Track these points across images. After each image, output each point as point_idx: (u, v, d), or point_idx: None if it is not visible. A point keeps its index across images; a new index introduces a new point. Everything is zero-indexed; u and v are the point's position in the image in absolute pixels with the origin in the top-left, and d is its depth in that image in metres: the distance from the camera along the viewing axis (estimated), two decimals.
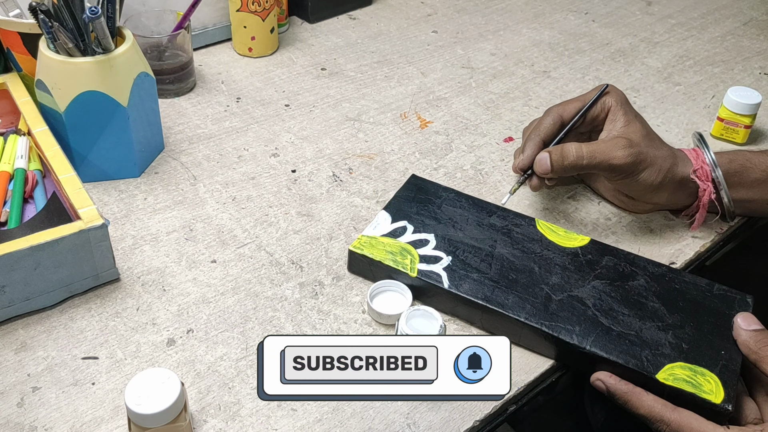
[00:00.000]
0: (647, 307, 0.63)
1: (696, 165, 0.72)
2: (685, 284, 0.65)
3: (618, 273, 0.66)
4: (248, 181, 0.80)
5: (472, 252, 0.67)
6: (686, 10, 1.22)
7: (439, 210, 0.71)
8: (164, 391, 0.49)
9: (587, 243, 0.69)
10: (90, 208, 0.63)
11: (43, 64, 0.71)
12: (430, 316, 0.58)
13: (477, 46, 1.09)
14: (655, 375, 0.57)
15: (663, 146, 0.72)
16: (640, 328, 0.61)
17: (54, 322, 0.63)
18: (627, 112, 0.73)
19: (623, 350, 0.59)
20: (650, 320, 0.61)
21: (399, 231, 0.69)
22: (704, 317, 0.62)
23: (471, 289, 0.63)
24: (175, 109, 0.90)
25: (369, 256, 0.66)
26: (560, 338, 0.60)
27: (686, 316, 0.62)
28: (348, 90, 0.96)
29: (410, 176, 0.76)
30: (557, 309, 0.62)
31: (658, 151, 0.70)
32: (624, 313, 0.62)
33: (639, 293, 0.64)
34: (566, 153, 0.68)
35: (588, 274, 0.66)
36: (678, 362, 0.58)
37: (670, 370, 0.58)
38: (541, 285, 0.64)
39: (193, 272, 0.68)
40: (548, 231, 0.70)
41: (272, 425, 0.56)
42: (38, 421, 0.55)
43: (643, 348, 0.59)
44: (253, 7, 0.97)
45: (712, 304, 0.63)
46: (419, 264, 0.65)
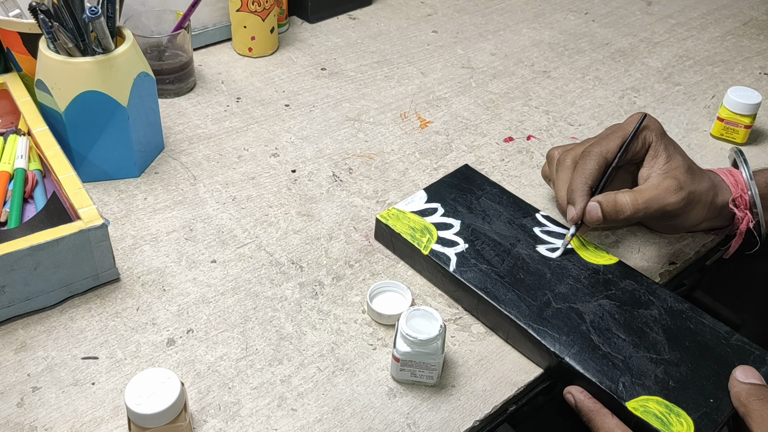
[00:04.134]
0: (648, 337, 0.60)
1: (735, 193, 0.70)
2: (701, 325, 0.62)
3: (632, 298, 0.64)
4: (248, 181, 0.80)
5: (490, 245, 0.68)
6: (686, 10, 1.22)
7: (477, 201, 0.73)
8: (164, 391, 0.49)
9: (614, 263, 0.67)
10: (90, 208, 0.63)
11: (43, 64, 0.71)
12: (430, 316, 0.58)
13: (477, 46, 1.09)
14: (625, 402, 0.55)
15: (703, 177, 0.69)
16: (630, 355, 0.59)
17: (54, 322, 0.63)
18: (667, 145, 0.69)
19: (601, 370, 0.58)
20: (645, 350, 0.59)
21: (429, 211, 0.71)
22: (707, 362, 0.59)
23: (474, 278, 0.64)
24: (175, 109, 0.90)
25: (391, 227, 0.69)
26: (542, 342, 0.60)
27: (687, 356, 0.59)
28: (348, 90, 0.96)
29: (463, 165, 0.78)
30: (551, 316, 0.62)
31: (700, 186, 0.68)
32: (620, 336, 0.60)
33: (645, 322, 0.62)
34: (621, 206, 0.66)
35: (600, 291, 0.64)
36: (656, 396, 0.56)
37: (643, 401, 0.56)
38: (546, 290, 0.64)
39: (193, 272, 0.68)
40: (578, 243, 0.69)
41: (272, 425, 0.56)
42: (38, 421, 0.55)
43: (624, 373, 0.57)
44: (253, 7, 0.96)
45: (722, 352, 0.60)
46: (434, 244, 0.67)
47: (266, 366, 0.60)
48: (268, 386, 0.59)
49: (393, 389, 0.59)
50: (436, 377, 0.58)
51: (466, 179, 0.76)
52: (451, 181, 0.76)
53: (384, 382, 0.60)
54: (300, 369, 0.60)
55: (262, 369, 0.60)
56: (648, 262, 0.72)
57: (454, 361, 0.62)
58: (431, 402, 0.58)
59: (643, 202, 0.66)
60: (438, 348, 0.57)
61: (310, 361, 0.61)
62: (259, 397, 0.58)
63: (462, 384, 0.60)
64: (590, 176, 0.68)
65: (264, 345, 0.62)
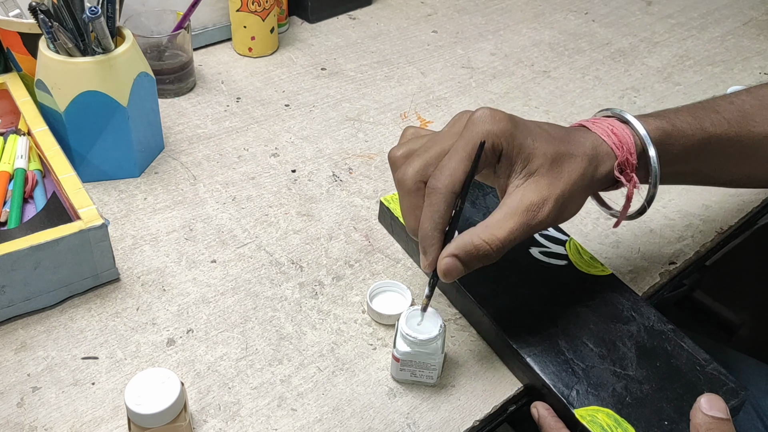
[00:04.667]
0: (617, 351, 0.59)
1: (621, 156, 0.57)
2: (679, 348, 0.59)
3: (614, 312, 0.62)
4: (248, 181, 0.80)
5: None
6: (686, 10, 1.22)
7: (483, 198, 0.73)
8: (164, 391, 0.49)
9: (605, 275, 0.65)
10: (90, 208, 0.63)
11: (43, 64, 0.71)
12: (430, 316, 0.58)
13: (477, 46, 1.09)
14: (574, 408, 0.54)
15: (574, 158, 0.56)
16: (593, 365, 0.57)
17: (54, 322, 0.63)
18: (522, 147, 0.54)
19: (558, 374, 0.57)
20: (611, 363, 0.58)
21: None
22: (674, 385, 0.56)
23: None
24: (175, 109, 0.90)
25: (392, 211, 0.71)
26: (505, 338, 0.59)
27: (654, 375, 0.57)
28: (348, 90, 0.96)
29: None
30: (522, 315, 0.61)
31: (571, 175, 0.55)
32: (588, 346, 0.59)
33: (620, 336, 0.60)
34: (483, 252, 0.53)
35: (581, 300, 0.63)
36: (608, 409, 0.55)
37: (593, 411, 0.54)
38: (526, 291, 0.64)
39: (193, 272, 0.68)
40: (574, 251, 0.68)
41: (272, 425, 0.56)
42: (38, 421, 0.55)
43: (581, 381, 0.56)
44: (253, 7, 0.97)
45: (694, 378, 0.57)
46: None
47: (266, 366, 0.60)
48: (268, 386, 0.59)
49: (393, 389, 0.59)
50: (436, 377, 0.58)
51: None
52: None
53: (384, 382, 0.60)
54: (300, 369, 0.60)
55: (262, 369, 0.60)
56: (648, 262, 0.72)
57: (454, 361, 0.62)
58: (431, 402, 0.58)
59: (504, 237, 0.53)
60: (438, 348, 0.57)
61: (310, 361, 0.61)
62: (259, 397, 0.58)
63: (462, 384, 0.60)
64: (441, 219, 0.54)
65: (264, 345, 0.62)
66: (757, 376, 0.84)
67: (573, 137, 0.57)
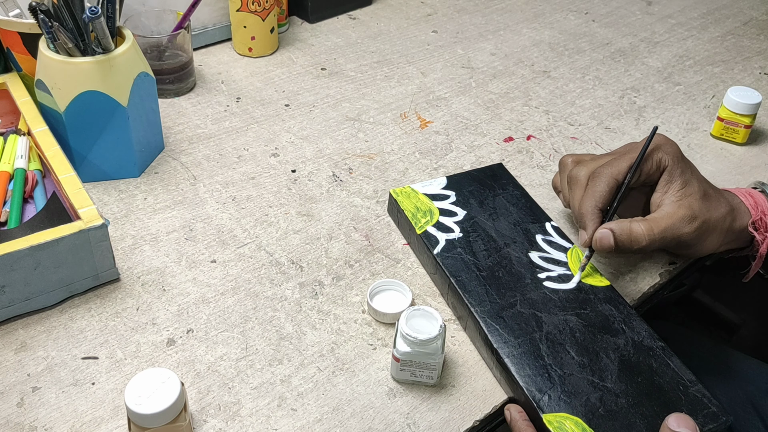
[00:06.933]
0: (599, 362, 0.58)
1: (755, 216, 0.68)
2: (664, 367, 0.58)
3: (603, 323, 0.62)
4: (248, 181, 0.80)
5: (483, 240, 0.68)
6: (686, 10, 1.22)
7: (492, 198, 0.73)
8: (164, 391, 0.49)
9: (603, 286, 0.65)
10: (90, 208, 0.63)
11: (43, 64, 0.71)
12: (430, 316, 0.58)
13: (477, 46, 1.09)
14: (543, 413, 0.54)
15: (720, 203, 0.67)
16: (571, 373, 0.57)
17: (54, 322, 0.63)
18: (684, 170, 0.66)
19: (533, 378, 0.56)
20: (590, 373, 0.57)
21: (441, 196, 0.73)
22: (652, 403, 0.56)
23: (452, 264, 0.65)
24: (175, 109, 0.90)
25: (398, 203, 0.72)
26: (488, 336, 0.59)
27: (633, 390, 0.56)
28: (348, 90, 0.96)
29: (497, 163, 0.79)
30: (510, 317, 0.61)
31: (716, 212, 0.66)
32: (570, 354, 0.59)
33: (605, 347, 0.59)
34: (636, 237, 0.63)
35: (572, 308, 0.63)
36: (577, 417, 0.54)
37: (561, 418, 0.54)
38: (517, 293, 0.64)
39: (193, 272, 0.68)
40: (575, 259, 0.68)
41: (272, 425, 0.56)
42: (38, 421, 0.55)
43: (555, 387, 0.56)
44: (253, 7, 0.97)
45: (675, 398, 0.56)
46: (430, 227, 0.70)
47: (266, 366, 0.60)
48: (268, 386, 0.59)
49: (393, 389, 0.59)
50: (436, 377, 0.58)
51: (492, 176, 0.76)
52: (477, 175, 0.77)
53: (384, 382, 0.60)
54: (300, 369, 0.60)
55: (262, 369, 0.60)
56: (648, 262, 0.72)
57: (454, 361, 0.62)
58: (431, 402, 0.58)
59: (659, 233, 0.63)
60: (438, 348, 0.57)
61: (310, 361, 0.61)
62: (259, 397, 0.58)
63: (462, 384, 0.60)
64: (600, 199, 0.65)
65: (264, 345, 0.62)
66: (757, 375, 0.84)
67: (718, 189, 0.69)
